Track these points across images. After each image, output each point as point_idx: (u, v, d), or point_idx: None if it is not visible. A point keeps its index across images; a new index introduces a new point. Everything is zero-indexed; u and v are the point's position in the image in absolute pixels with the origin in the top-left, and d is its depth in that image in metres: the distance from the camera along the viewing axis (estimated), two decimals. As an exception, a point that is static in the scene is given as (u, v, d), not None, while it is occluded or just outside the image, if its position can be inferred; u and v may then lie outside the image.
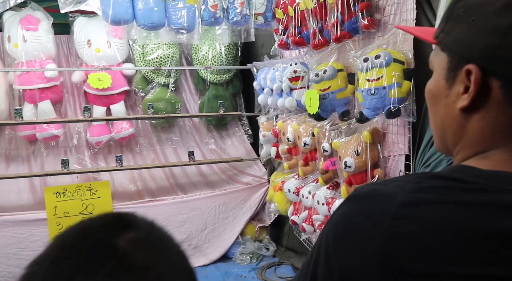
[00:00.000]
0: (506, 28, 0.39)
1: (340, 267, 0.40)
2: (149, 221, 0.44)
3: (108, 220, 0.42)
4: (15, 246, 2.45)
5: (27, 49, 2.60)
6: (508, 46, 0.39)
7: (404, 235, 0.37)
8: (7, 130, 2.75)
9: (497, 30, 0.39)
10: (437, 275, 0.36)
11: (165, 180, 2.88)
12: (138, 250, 0.39)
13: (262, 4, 2.15)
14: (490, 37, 0.40)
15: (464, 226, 0.37)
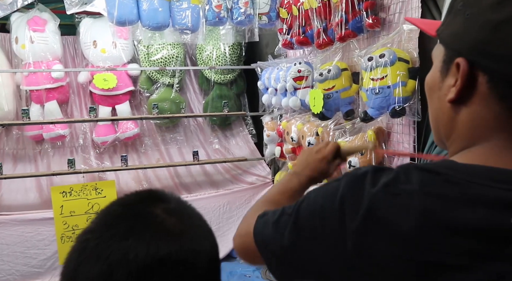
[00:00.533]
0: (496, 23, 0.39)
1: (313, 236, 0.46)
2: (176, 196, 0.52)
3: (143, 195, 0.50)
4: (22, 244, 2.48)
5: (34, 50, 2.63)
6: (496, 41, 0.39)
7: (376, 217, 0.40)
8: (15, 131, 2.78)
9: (487, 25, 0.39)
10: (399, 257, 0.39)
11: (170, 179, 2.90)
12: (171, 217, 0.46)
13: (266, 4, 2.15)
14: (480, 31, 0.40)
15: (429, 216, 0.38)
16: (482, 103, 0.42)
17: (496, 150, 0.42)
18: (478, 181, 0.39)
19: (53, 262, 2.55)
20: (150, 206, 0.47)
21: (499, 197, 0.38)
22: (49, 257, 2.55)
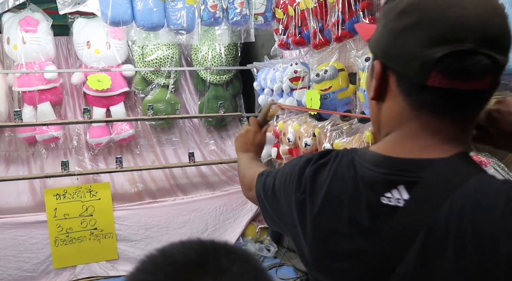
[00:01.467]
0: (398, 30, 0.46)
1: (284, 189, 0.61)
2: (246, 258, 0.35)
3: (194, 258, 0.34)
4: (15, 248, 2.44)
5: (26, 51, 2.60)
6: (397, 46, 0.46)
7: (307, 191, 0.55)
8: (7, 132, 2.74)
9: (392, 32, 0.47)
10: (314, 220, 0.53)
11: (165, 181, 2.87)
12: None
13: (262, 4, 2.14)
14: (387, 38, 0.47)
15: (330, 191, 0.51)
16: (393, 99, 0.49)
17: (398, 139, 0.49)
18: (365, 165, 0.49)
19: (46, 265, 2.52)
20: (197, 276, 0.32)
21: (374, 179, 0.48)
22: (43, 260, 2.51)
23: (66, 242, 2.56)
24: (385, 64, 0.49)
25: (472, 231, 0.40)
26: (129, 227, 2.64)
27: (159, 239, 2.66)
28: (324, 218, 0.51)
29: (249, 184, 0.77)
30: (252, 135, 0.98)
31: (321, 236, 0.51)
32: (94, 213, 2.61)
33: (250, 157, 0.92)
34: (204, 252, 0.34)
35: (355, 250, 0.48)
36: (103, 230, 2.61)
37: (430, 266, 0.42)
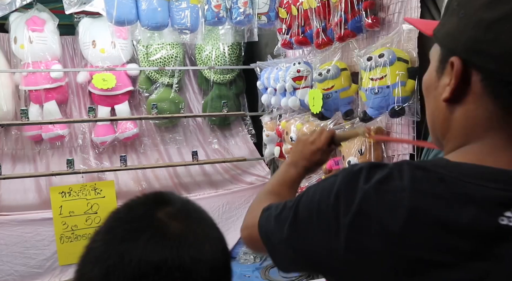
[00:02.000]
0: (488, 22, 0.39)
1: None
2: (185, 199, 0.51)
3: (148, 197, 0.50)
4: (21, 245, 2.48)
5: (33, 50, 2.63)
6: (488, 40, 0.39)
7: (367, 214, 0.41)
8: (14, 131, 2.78)
9: (480, 23, 0.40)
10: (386, 254, 0.40)
11: (169, 179, 2.89)
12: (173, 221, 0.45)
13: (265, 4, 2.15)
14: (474, 30, 0.40)
15: (417, 214, 0.39)
16: (476, 102, 0.42)
17: (489, 149, 0.42)
18: (467, 180, 0.39)
19: (52, 262, 2.55)
20: (152, 209, 0.47)
21: (487, 196, 0.38)
22: (48, 257, 2.54)
23: (72, 239, 2.60)
24: (467, 61, 0.42)
25: None
26: (133, 225, 2.66)
27: (162, 237, 2.68)
28: (409, 245, 0.39)
29: (248, 220, 0.62)
30: (315, 149, 0.78)
31: (404, 267, 0.40)
32: (99, 211, 2.64)
33: (285, 179, 0.75)
34: (160, 192, 0.51)
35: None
36: (108, 228, 2.64)
37: None
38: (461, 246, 0.38)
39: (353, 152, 1.47)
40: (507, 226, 0.37)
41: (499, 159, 0.41)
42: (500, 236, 0.37)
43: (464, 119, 0.43)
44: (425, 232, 0.39)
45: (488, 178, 0.39)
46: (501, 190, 0.38)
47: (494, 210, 0.38)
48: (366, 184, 0.43)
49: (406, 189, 0.41)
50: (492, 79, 0.41)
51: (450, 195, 0.39)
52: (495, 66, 0.40)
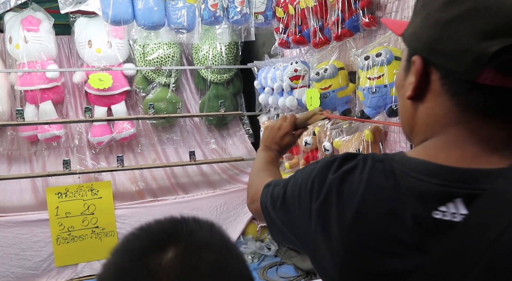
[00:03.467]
0: (444, 21, 0.40)
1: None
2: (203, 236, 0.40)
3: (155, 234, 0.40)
4: (17, 246, 2.46)
5: (28, 50, 2.61)
6: (445, 39, 0.40)
7: (330, 202, 0.47)
8: (9, 131, 2.76)
9: (438, 23, 0.41)
10: (344, 239, 0.44)
11: (166, 179, 2.88)
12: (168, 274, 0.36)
13: (262, 3, 2.14)
14: (432, 30, 0.42)
15: (366, 203, 0.43)
16: (435, 100, 0.43)
17: (444, 144, 0.43)
18: (412, 174, 0.42)
19: (48, 263, 2.53)
20: (149, 255, 0.37)
21: (425, 191, 0.40)
22: (45, 258, 2.53)
23: (68, 240, 2.58)
24: (428, 60, 0.43)
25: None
26: (130, 226, 2.65)
27: (160, 237, 2.67)
28: (358, 232, 0.43)
29: (254, 195, 0.70)
30: (283, 134, 0.88)
31: (354, 253, 0.44)
32: (96, 212, 2.62)
33: (267, 160, 0.84)
34: (177, 222, 0.40)
35: (398, 270, 0.41)
36: (105, 229, 2.62)
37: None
38: (403, 237, 0.41)
39: (351, 151, 1.46)
40: (441, 220, 0.39)
41: (451, 154, 0.42)
42: (434, 229, 0.39)
43: (425, 116, 0.45)
44: (372, 222, 0.43)
45: (429, 173, 0.41)
46: (439, 185, 0.40)
47: (430, 204, 0.40)
48: (334, 174, 0.47)
49: (363, 180, 0.45)
50: (449, 78, 0.42)
51: (397, 188, 0.42)
52: (451, 65, 0.41)
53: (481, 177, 0.39)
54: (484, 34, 0.38)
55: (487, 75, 0.38)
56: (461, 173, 0.40)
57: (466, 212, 0.39)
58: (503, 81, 0.38)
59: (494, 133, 0.41)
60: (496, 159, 0.40)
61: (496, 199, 0.38)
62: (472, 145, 0.41)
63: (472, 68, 0.39)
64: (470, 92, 0.40)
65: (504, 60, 0.38)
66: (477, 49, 0.38)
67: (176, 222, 0.41)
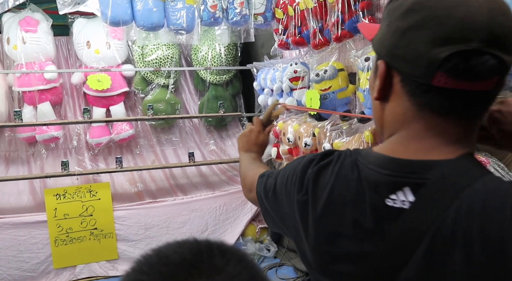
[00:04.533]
0: (403, 30, 0.45)
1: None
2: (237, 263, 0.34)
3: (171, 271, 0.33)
4: (15, 248, 2.44)
5: (26, 51, 2.60)
6: (403, 46, 0.45)
7: (307, 194, 0.53)
8: (7, 132, 2.74)
9: (397, 31, 0.46)
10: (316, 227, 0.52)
11: (165, 181, 2.87)
12: None
13: (262, 4, 2.14)
14: (393, 37, 0.46)
15: (333, 193, 0.51)
16: (397, 100, 0.48)
17: (402, 139, 0.48)
18: (370, 167, 0.48)
19: (46, 265, 2.52)
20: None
21: (379, 181, 0.47)
22: (43, 260, 2.51)
23: (66, 242, 2.57)
24: (390, 64, 0.48)
25: (480, 234, 0.40)
26: (129, 227, 2.64)
27: (159, 239, 2.66)
28: (327, 220, 0.50)
29: (250, 185, 0.76)
30: (255, 135, 0.96)
31: (323, 238, 0.51)
32: (94, 213, 2.61)
33: (251, 157, 0.91)
34: (199, 252, 0.34)
35: (359, 253, 0.47)
36: (103, 230, 2.61)
37: (436, 270, 0.42)
38: (363, 223, 0.47)
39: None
40: (392, 207, 0.45)
41: (409, 147, 0.47)
42: (388, 215, 0.45)
43: (390, 115, 0.50)
44: (338, 210, 0.49)
45: (382, 165, 0.47)
46: (389, 175, 0.46)
47: (383, 193, 0.46)
48: (312, 169, 0.54)
49: (334, 174, 0.51)
50: (408, 81, 0.46)
51: (359, 179, 0.49)
52: (409, 69, 0.45)
53: (428, 167, 0.44)
54: (435, 42, 0.42)
55: (439, 78, 0.43)
56: (410, 164, 0.46)
57: (414, 199, 0.44)
58: (454, 83, 0.43)
59: (447, 129, 0.46)
60: (447, 151, 0.45)
61: (439, 186, 0.43)
62: (427, 139, 0.46)
63: (426, 73, 0.43)
64: (426, 93, 0.45)
65: (453, 65, 0.42)
66: (429, 55, 0.43)
67: (198, 251, 0.34)
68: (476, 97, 0.44)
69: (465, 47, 0.41)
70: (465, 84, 0.43)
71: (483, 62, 0.41)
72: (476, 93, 0.44)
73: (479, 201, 0.41)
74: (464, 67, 0.42)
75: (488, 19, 0.41)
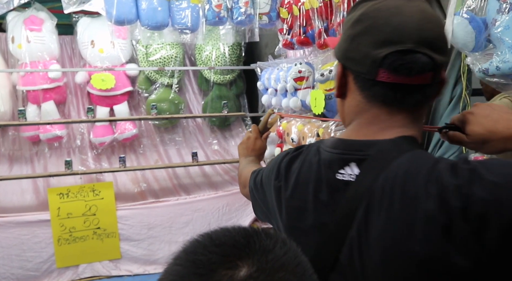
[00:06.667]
0: (353, 36, 0.55)
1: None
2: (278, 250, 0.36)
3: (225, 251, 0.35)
4: (18, 247, 2.44)
5: (30, 50, 2.60)
6: (353, 49, 0.54)
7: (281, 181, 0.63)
8: (11, 131, 2.75)
9: (348, 38, 0.56)
10: (287, 206, 0.61)
11: (168, 180, 2.87)
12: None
13: (267, 4, 2.13)
14: (346, 43, 0.56)
15: (301, 176, 0.60)
16: (352, 95, 0.57)
17: (356, 127, 0.58)
18: (327, 149, 0.58)
19: (49, 265, 2.52)
20: (219, 271, 0.34)
21: (331, 159, 0.56)
22: (46, 260, 2.51)
23: (69, 241, 2.57)
24: (345, 65, 0.57)
25: (400, 192, 0.48)
26: (132, 227, 2.64)
27: (161, 238, 2.66)
28: (295, 198, 0.59)
29: (244, 181, 0.86)
30: (253, 141, 1.06)
31: (293, 215, 0.59)
32: (97, 213, 2.61)
33: (249, 160, 1.01)
34: (248, 235, 0.37)
35: (319, 224, 0.55)
36: (106, 230, 2.61)
37: (370, 225, 0.50)
38: (321, 197, 0.55)
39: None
40: (342, 180, 0.54)
41: (360, 132, 0.57)
42: (339, 188, 0.54)
43: (347, 109, 0.59)
44: (303, 188, 0.58)
45: (335, 146, 0.57)
46: (339, 154, 0.56)
47: (334, 169, 0.55)
48: (286, 159, 0.64)
49: (301, 160, 0.61)
50: (358, 78, 0.55)
51: (319, 161, 0.58)
52: (358, 68, 0.54)
53: (370, 146, 0.54)
54: (376, 44, 0.52)
55: (382, 74, 0.52)
56: (356, 144, 0.55)
57: (358, 171, 0.53)
58: (395, 78, 0.52)
59: (391, 117, 0.55)
60: (389, 134, 0.54)
61: (376, 159, 0.52)
62: (374, 125, 0.55)
63: (371, 70, 0.52)
64: (373, 87, 0.54)
65: (391, 62, 0.51)
66: (372, 55, 0.52)
67: (248, 235, 0.37)
68: (415, 90, 0.53)
69: (400, 47, 0.50)
70: (403, 78, 0.51)
71: (415, 59, 0.50)
72: (415, 87, 0.53)
73: (403, 167, 0.49)
74: (400, 63, 0.51)
75: (418, 25, 0.51)
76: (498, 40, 0.90)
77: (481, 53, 0.97)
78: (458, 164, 0.47)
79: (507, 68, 0.89)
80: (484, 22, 0.94)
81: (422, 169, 0.48)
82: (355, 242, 0.50)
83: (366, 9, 0.54)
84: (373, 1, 0.55)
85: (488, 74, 0.94)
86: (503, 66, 0.89)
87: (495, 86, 0.96)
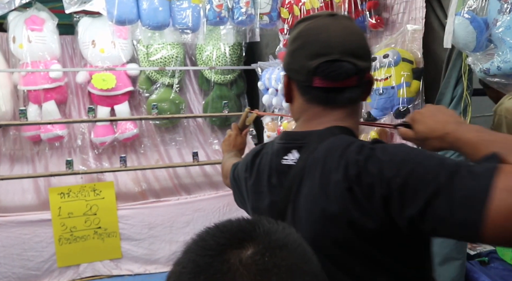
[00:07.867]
0: (292, 51, 0.67)
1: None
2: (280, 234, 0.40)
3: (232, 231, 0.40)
4: (19, 247, 2.45)
5: (32, 49, 2.61)
6: (293, 62, 0.66)
7: (249, 167, 0.75)
8: (12, 131, 2.75)
9: (289, 52, 0.68)
10: (251, 193, 0.74)
11: (169, 180, 2.87)
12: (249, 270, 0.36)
13: (267, 4, 2.14)
14: (288, 57, 0.68)
15: (261, 166, 0.72)
16: (296, 100, 0.69)
17: (300, 124, 0.70)
18: (276, 141, 0.71)
19: (50, 264, 2.52)
20: (228, 251, 0.37)
21: (278, 148, 0.68)
22: (47, 259, 2.52)
23: (70, 240, 2.57)
24: (289, 76, 0.68)
25: (321, 167, 0.59)
26: (132, 226, 2.64)
27: (162, 238, 2.66)
28: (255, 185, 0.71)
29: (226, 173, 0.98)
30: (234, 138, 1.16)
31: (254, 198, 0.71)
32: (98, 212, 2.61)
33: (231, 154, 1.11)
34: (252, 222, 0.41)
35: (271, 202, 0.67)
36: (107, 229, 2.61)
37: (299, 196, 0.62)
38: (272, 181, 0.68)
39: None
40: (286, 165, 0.66)
41: (303, 126, 0.68)
42: (283, 171, 0.66)
43: (295, 110, 0.71)
44: (260, 176, 0.70)
45: (281, 138, 0.70)
46: (284, 143, 0.68)
47: (280, 156, 0.67)
48: (253, 154, 0.76)
49: (262, 154, 0.73)
50: (299, 85, 0.67)
51: (272, 152, 0.70)
52: (298, 77, 0.66)
53: (307, 135, 0.65)
54: (310, 57, 0.63)
55: (317, 81, 0.63)
56: (297, 134, 0.67)
57: (298, 156, 0.64)
58: (327, 83, 0.63)
59: (327, 114, 0.66)
60: (324, 125, 0.65)
61: (310, 144, 0.63)
62: (314, 120, 0.67)
63: (307, 78, 0.64)
64: (311, 92, 0.65)
65: (322, 70, 0.62)
66: (307, 66, 0.63)
67: (251, 221, 0.41)
68: (345, 91, 0.64)
69: (328, 58, 0.62)
70: (334, 83, 0.63)
71: (341, 67, 0.62)
72: (344, 89, 0.64)
73: (326, 147, 0.60)
74: (330, 71, 0.62)
75: (342, 39, 0.63)
76: (499, 40, 0.90)
77: (482, 53, 0.97)
78: (367, 145, 0.57)
79: (508, 68, 0.89)
80: (485, 22, 0.94)
81: (338, 148, 0.59)
82: (291, 210, 0.63)
83: (301, 28, 0.66)
84: (307, 22, 0.66)
85: (489, 74, 0.94)
86: (504, 66, 0.89)
87: (496, 87, 0.96)
